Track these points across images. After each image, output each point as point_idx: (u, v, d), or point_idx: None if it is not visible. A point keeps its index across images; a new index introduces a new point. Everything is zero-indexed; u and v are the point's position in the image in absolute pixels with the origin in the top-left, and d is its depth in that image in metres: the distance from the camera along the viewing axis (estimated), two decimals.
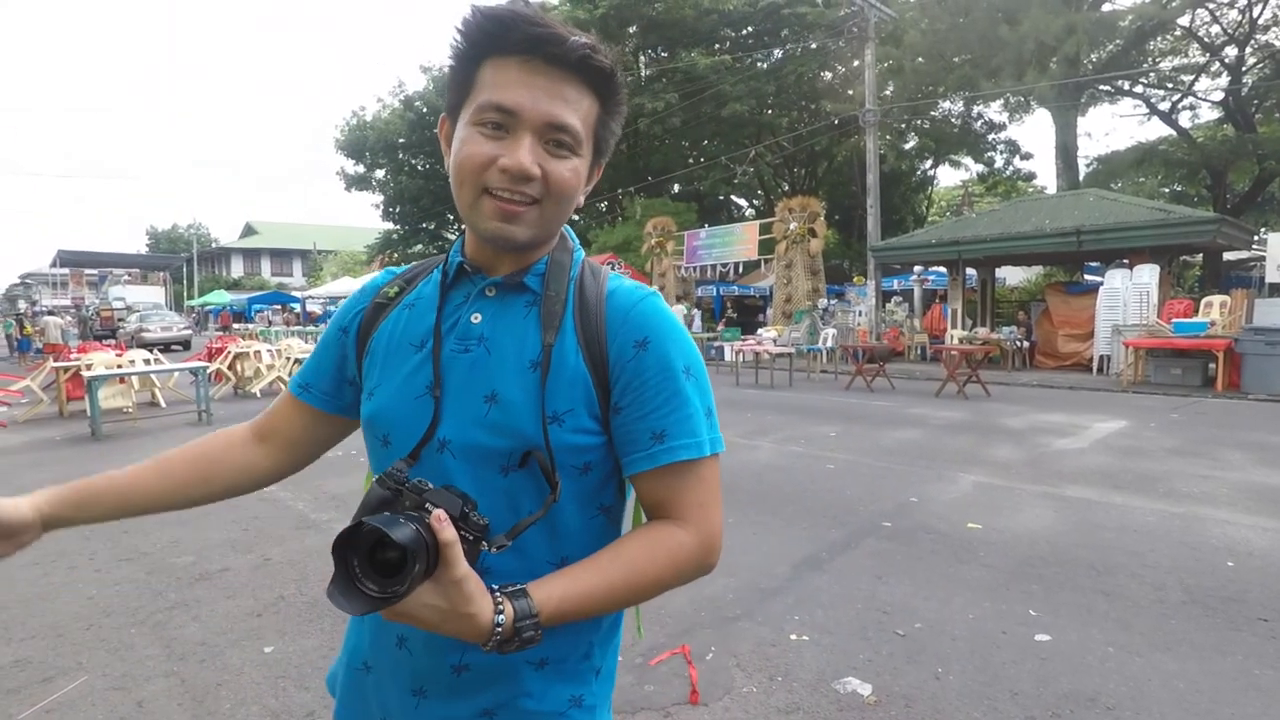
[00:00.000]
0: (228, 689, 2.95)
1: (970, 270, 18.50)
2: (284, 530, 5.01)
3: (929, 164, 33.49)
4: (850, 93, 25.77)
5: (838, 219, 29.86)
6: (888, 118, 25.03)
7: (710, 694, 2.84)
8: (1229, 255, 18.86)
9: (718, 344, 18.70)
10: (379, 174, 36.15)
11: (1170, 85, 24.52)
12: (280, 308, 39.66)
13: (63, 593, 3.98)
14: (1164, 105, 24.63)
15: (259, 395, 12.40)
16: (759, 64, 27.55)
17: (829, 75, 28.39)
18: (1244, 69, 21.80)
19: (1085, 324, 14.79)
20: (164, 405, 11.48)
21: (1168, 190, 28.58)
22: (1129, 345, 12.53)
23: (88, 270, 42.43)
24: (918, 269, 20.93)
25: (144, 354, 11.95)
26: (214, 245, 65.19)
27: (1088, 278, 20.23)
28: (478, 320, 0.95)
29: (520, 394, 0.90)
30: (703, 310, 24.84)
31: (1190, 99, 24.35)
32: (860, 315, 19.41)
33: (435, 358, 0.93)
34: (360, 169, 36.16)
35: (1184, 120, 24.94)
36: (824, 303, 19.30)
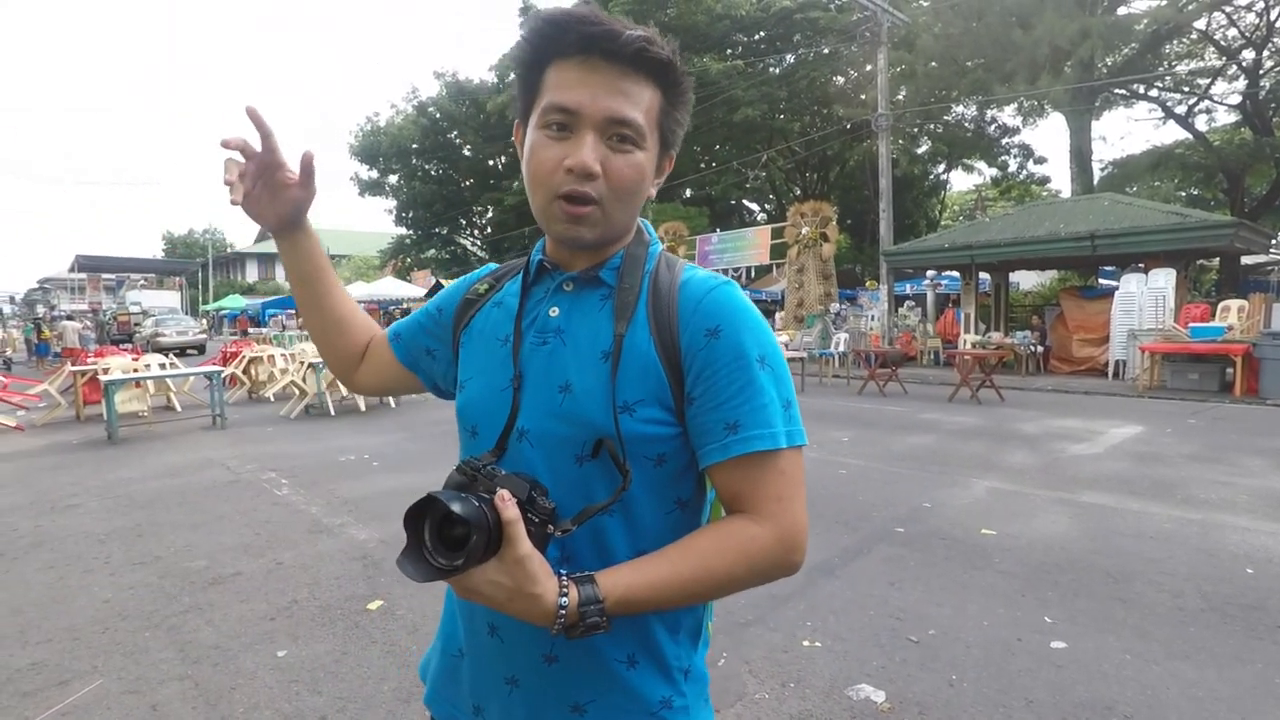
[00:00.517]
0: (241, 693, 2.96)
1: (984, 275, 18.39)
2: (296, 535, 5.03)
3: (942, 168, 33.36)
4: (863, 97, 25.69)
5: (850, 223, 29.81)
6: (900, 122, 24.97)
7: (722, 700, 2.83)
8: (1246, 259, 18.70)
9: None
10: (392, 179, 36.32)
11: (1186, 89, 24.35)
12: (294, 313, 39.85)
13: (78, 596, 4.01)
14: (1180, 109, 24.45)
15: (272, 399, 12.47)
16: (771, 69, 27.55)
17: (841, 80, 28.33)
18: (1261, 72, 21.61)
19: (1100, 328, 14.68)
20: (179, 409, 11.57)
21: (1184, 194, 28.37)
22: (1145, 350, 12.42)
23: (105, 275, 42.82)
24: (930, 273, 20.85)
25: (160, 358, 12.03)
26: (229, 250, 65.65)
27: (1103, 282, 20.12)
28: (555, 314, 0.98)
29: (592, 383, 0.92)
30: None
31: (1207, 102, 24.17)
32: (873, 320, 19.33)
33: (515, 351, 0.98)
34: (374, 174, 36.35)
35: (1200, 124, 24.77)
36: (836, 307, 19.23)
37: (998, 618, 3.52)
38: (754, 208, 36.36)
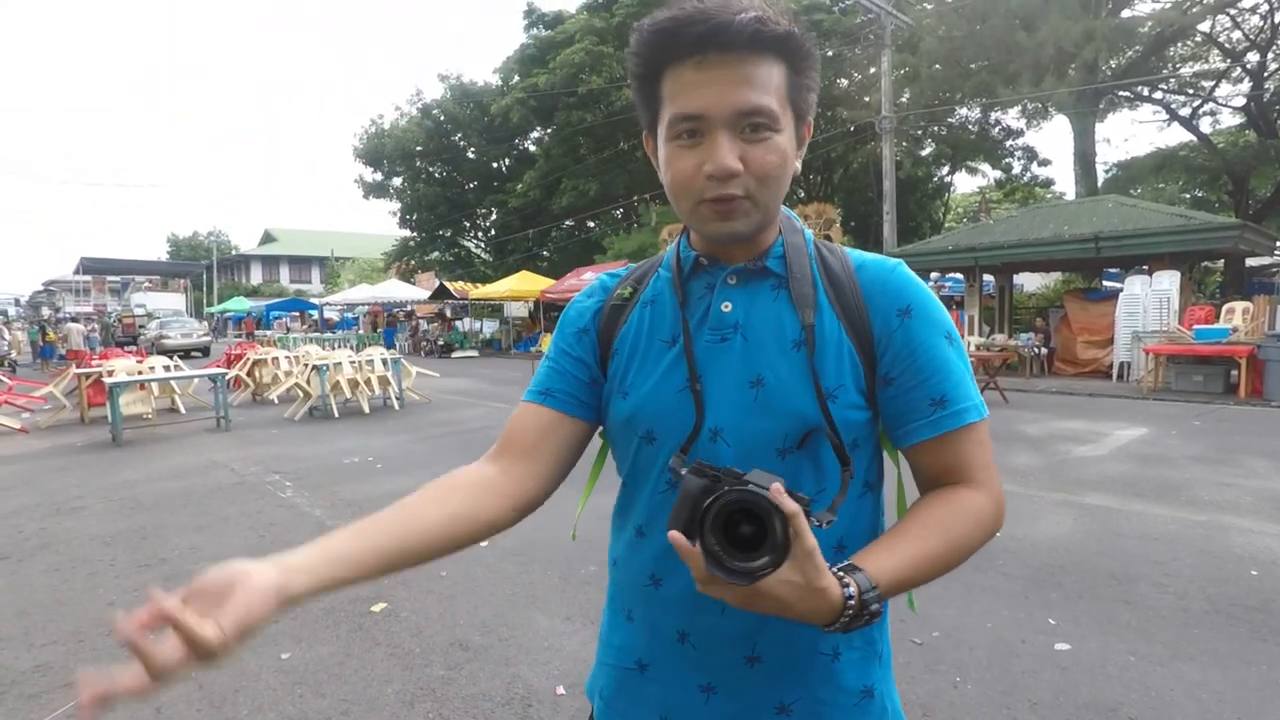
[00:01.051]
0: (245, 695, 2.97)
1: (987, 277, 18.37)
2: (301, 537, 5.03)
3: (946, 170, 33.29)
4: (866, 100, 25.67)
5: (854, 225, 29.75)
6: (904, 124, 24.95)
7: None
8: (1251, 261, 18.64)
9: None
10: (396, 182, 36.38)
11: (1191, 91, 24.27)
12: (299, 315, 39.97)
13: (83, 598, 4.02)
14: (1184, 111, 24.38)
15: (276, 401, 12.49)
16: None
17: (845, 82, 28.32)
18: (1266, 75, 21.54)
19: (1105, 330, 14.64)
20: (183, 411, 11.59)
21: (1188, 196, 28.27)
22: (1149, 352, 12.39)
23: (110, 277, 43.00)
24: (934, 275, 20.82)
25: (164, 360, 12.07)
26: (234, 253, 65.84)
27: (1107, 284, 20.06)
28: (729, 309, 0.95)
29: (788, 375, 0.91)
30: None
31: (1211, 104, 24.08)
32: None
33: (688, 351, 0.94)
34: (378, 177, 36.43)
35: (1205, 126, 24.67)
36: None
37: (1002, 619, 3.52)
38: None
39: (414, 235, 37.91)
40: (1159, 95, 24.38)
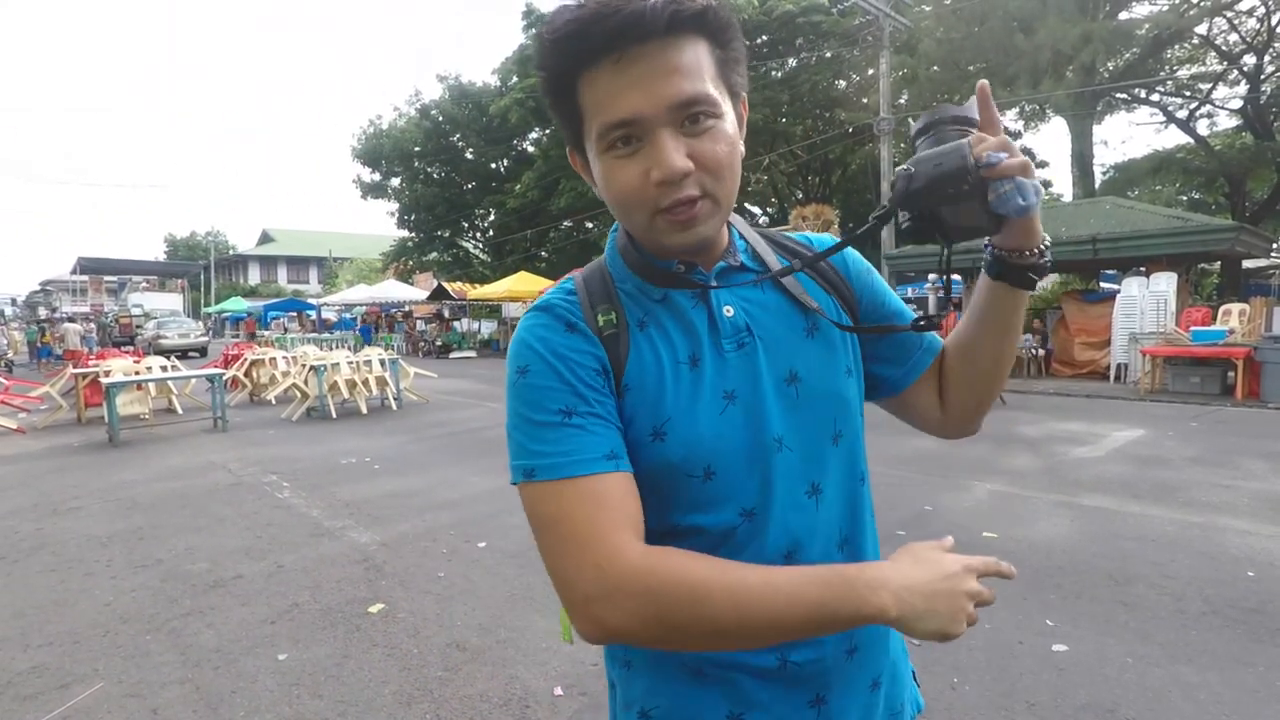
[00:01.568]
0: (242, 696, 2.96)
1: None
2: (298, 538, 5.03)
3: None
4: (865, 101, 25.72)
5: (852, 227, 29.76)
6: (902, 126, 24.95)
7: None
8: (1248, 263, 18.67)
9: None
10: (394, 182, 36.37)
11: (1188, 93, 24.32)
12: (296, 315, 39.93)
13: (80, 599, 4.01)
14: (1181, 113, 24.43)
15: (274, 402, 12.48)
16: (773, 73, 27.58)
17: (843, 84, 28.36)
18: (1262, 77, 21.58)
19: (1102, 332, 14.66)
20: (180, 412, 11.58)
21: (1185, 198, 28.36)
22: (1146, 353, 12.41)
23: (107, 277, 42.91)
24: (932, 277, 20.82)
25: (161, 361, 12.05)
26: (231, 252, 65.74)
27: (1104, 285, 20.07)
28: (731, 313, 0.89)
29: (817, 362, 0.91)
30: None
31: (1208, 107, 24.14)
32: None
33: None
34: (376, 177, 36.41)
35: (1202, 128, 24.73)
36: None
37: (1000, 620, 3.52)
38: (756, 211, 36.33)
39: (412, 236, 37.88)
40: (1156, 97, 24.44)
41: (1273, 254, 16.77)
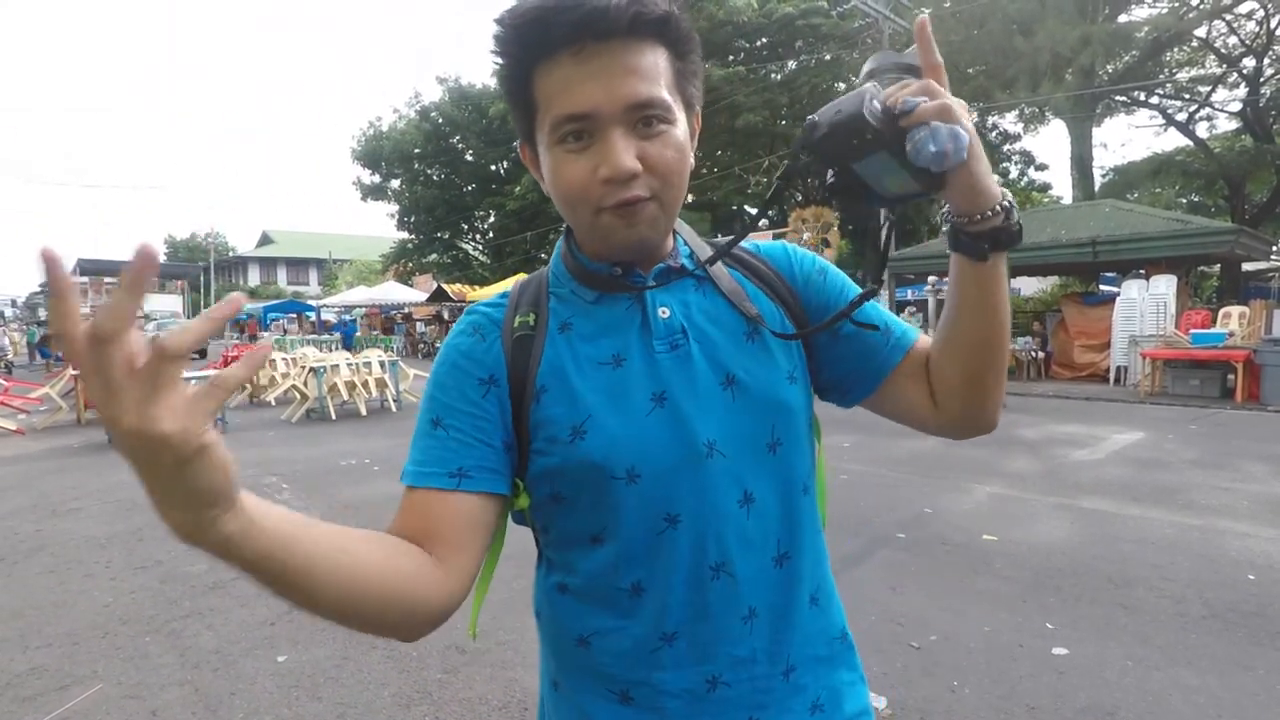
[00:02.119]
0: (241, 698, 2.96)
1: None
2: None
3: None
4: None
5: (851, 229, 29.79)
6: None
7: None
8: (1247, 266, 18.66)
9: None
10: (394, 184, 36.38)
11: (1187, 96, 24.36)
12: (296, 316, 39.91)
13: (79, 600, 4.00)
14: (1181, 116, 24.46)
15: (273, 403, 12.47)
16: (773, 75, 27.59)
17: (843, 86, 28.39)
18: (1262, 80, 21.62)
19: (1102, 334, 14.66)
20: None
21: (1185, 201, 28.36)
22: (1146, 356, 12.41)
23: (107, 278, 42.86)
24: (932, 279, 20.76)
25: None
26: (231, 254, 65.74)
27: (1104, 288, 20.08)
28: (667, 314, 0.88)
29: (755, 366, 0.88)
30: None
31: (1207, 109, 24.18)
32: None
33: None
34: (376, 179, 36.43)
35: (1201, 131, 24.76)
36: None
37: (999, 623, 3.52)
38: (755, 212, 36.42)
39: (412, 237, 37.89)
40: (1155, 100, 24.47)
41: (1272, 256, 16.79)
